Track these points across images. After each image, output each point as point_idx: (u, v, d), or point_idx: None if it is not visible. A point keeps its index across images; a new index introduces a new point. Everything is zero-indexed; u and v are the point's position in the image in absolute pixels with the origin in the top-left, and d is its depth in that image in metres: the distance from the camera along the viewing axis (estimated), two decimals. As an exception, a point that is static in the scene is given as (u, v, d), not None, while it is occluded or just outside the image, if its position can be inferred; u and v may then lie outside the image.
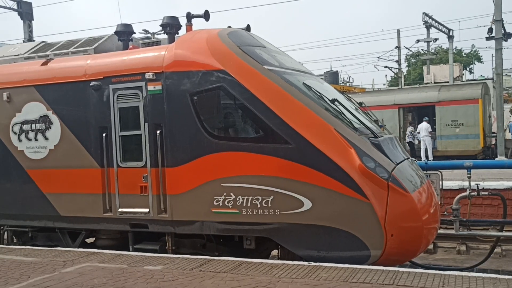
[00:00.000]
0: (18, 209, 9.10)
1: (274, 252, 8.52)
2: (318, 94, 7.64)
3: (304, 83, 7.77)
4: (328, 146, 6.90)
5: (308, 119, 7.10)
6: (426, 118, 25.68)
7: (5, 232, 9.72)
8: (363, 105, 8.90)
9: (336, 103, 7.53)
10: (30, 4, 29.52)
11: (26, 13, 29.09)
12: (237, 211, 7.29)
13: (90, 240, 9.27)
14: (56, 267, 7.07)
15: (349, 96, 9.42)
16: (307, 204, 6.93)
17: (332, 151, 6.87)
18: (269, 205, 7.10)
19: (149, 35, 9.76)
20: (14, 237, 9.82)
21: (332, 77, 41.29)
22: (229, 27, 8.68)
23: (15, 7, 29.04)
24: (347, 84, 54.16)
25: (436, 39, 44.73)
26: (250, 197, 7.20)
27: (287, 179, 7.03)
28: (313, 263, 6.68)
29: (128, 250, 8.30)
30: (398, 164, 7.13)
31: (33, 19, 29.42)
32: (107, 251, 8.05)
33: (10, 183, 9.12)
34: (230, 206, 7.32)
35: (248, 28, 9.03)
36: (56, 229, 9.05)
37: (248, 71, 7.49)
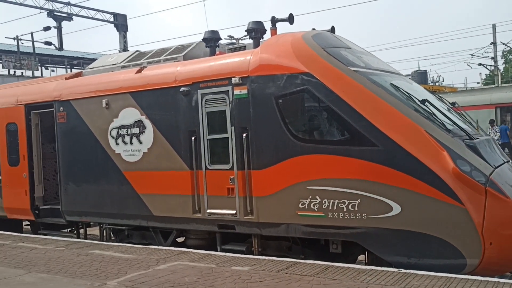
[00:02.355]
0: (115, 209, 9.71)
1: (361, 257, 8.33)
2: (407, 94, 7.37)
3: (391, 84, 7.53)
4: (419, 149, 6.63)
5: (397, 120, 6.87)
6: None
7: (104, 230, 10.41)
8: (456, 105, 8.45)
9: (426, 103, 7.22)
10: (125, 16, 31.53)
11: (121, 25, 31.09)
12: (323, 214, 7.23)
13: (180, 239, 9.66)
14: (150, 264, 7.45)
15: (440, 96, 8.99)
16: (396, 208, 6.70)
17: (423, 153, 6.58)
18: (356, 208, 6.96)
19: (234, 40, 10.01)
20: (111, 235, 10.49)
21: (421, 77, 39.66)
22: (314, 29, 8.65)
23: (111, 19, 31.13)
24: (437, 84, 51.70)
25: (536, 33, 41.30)
26: (336, 201, 7.10)
27: (375, 182, 6.85)
28: (403, 270, 6.43)
29: (216, 250, 8.54)
30: (496, 167, 6.67)
31: (127, 30, 31.37)
32: (197, 250, 8.34)
33: (108, 184, 9.76)
34: (316, 209, 7.27)
35: (332, 29, 8.94)
36: (150, 228, 9.54)
37: (333, 73, 7.41)
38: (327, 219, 7.21)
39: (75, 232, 11.19)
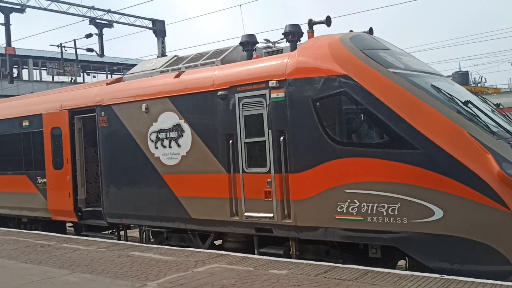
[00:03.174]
0: (155, 211, 9.88)
1: (401, 262, 8.16)
2: (449, 96, 7.18)
3: (432, 85, 7.36)
4: (461, 151, 6.45)
5: (438, 122, 6.71)
6: None
7: (144, 232, 10.61)
8: (500, 106, 8.17)
9: (469, 105, 7.01)
10: (163, 22, 32.14)
11: (159, 31, 31.72)
12: (362, 218, 7.12)
13: (218, 242, 9.72)
14: (189, 266, 7.53)
15: (484, 98, 8.72)
16: (438, 213, 6.53)
17: (466, 156, 6.39)
18: (396, 213, 6.83)
19: (271, 44, 10.03)
20: (151, 237, 10.67)
21: (462, 78, 38.61)
22: (351, 31, 8.56)
23: (150, 25, 31.79)
24: (479, 85, 50.16)
25: None
26: (376, 204, 6.99)
27: (415, 186, 6.70)
28: (446, 276, 6.26)
29: (253, 253, 8.55)
30: (544, 171, 6.40)
31: (165, 36, 31.96)
32: (234, 253, 8.37)
33: (148, 187, 9.95)
34: (355, 213, 7.18)
35: (371, 31, 8.82)
36: (188, 231, 9.65)
37: (371, 75, 7.31)
38: (366, 223, 7.10)
39: (116, 234, 11.45)
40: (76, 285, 6.84)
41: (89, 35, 30.61)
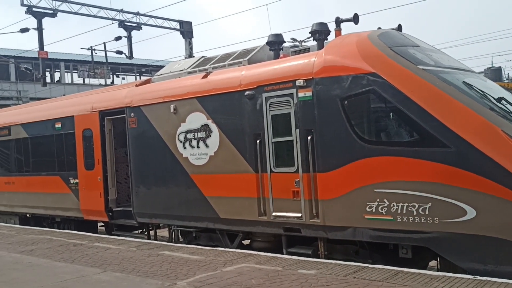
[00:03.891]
0: (183, 211, 9.97)
1: (433, 263, 8.01)
2: (481, 92, 7.01)
3: (464, 82, 7.20)
4: (495, 149, 6.28)
5: (470, 120, 6.55)
6: None
7: (173, 232, 10.72)
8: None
9: (502, 101, 6.84)
10: (190, 23, 32.41)
11: (187, 32, 32.00)
12: (392, 218, 7.02)
13: (246, 241, 9.75)
14: (217, 266, 7.58)
15: (518, 94, 8.47)
16: (471, 212, 6.38)
17: (500, 154, 6.22)
18: (427, 212, 6.70)
19: (297, 43, 9.99)
20: (180, 236, 10.78)
21: (495, 74, 37.65)
22: (379, 28, 8.45)
23: (178, 27, 32.11)
24: (513, 81, 48.72)
25: None
26: (406, 204, 6.88)
27: (447, 185, 6.56)
28: (479, 277, 6.11)
29: (282, 253, 8.54)
30: None
31: (193, 37, 32.23)
32: (263, 253, 8.38)
33: (177, 187, 10.05)
34: (384, 213, 7.08)
35: (399, 28, 8.69)
36: (216, 230, 9.71)
37: (400, 72, 7.20)
38: (396, 223, 6.99)
39: (146, 233, 11.61)
40: (107, 283, 6.96)
41: (118, 38, 31.12)
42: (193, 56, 23.29)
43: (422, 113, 6.81)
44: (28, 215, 14.87)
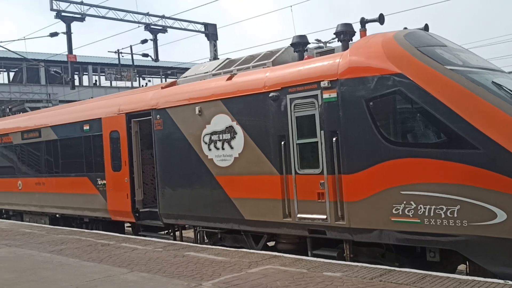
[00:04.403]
0: (209, 212, 10.04)
1: (461, 266, 7.85)
2: (511, 93, 6.84)
3: (493, 82, 7.05)
4: (526, 151, 6.11)
5: (500, 121, 6.40)
6: None
7: (198, 233, 10.80)
8: None
9: (534, 102, 6.64)
10: (215, 25, 32.63)
11: (211, 34, 32.23)
12: (419, 220, 6.92)
13: (271, 243, 9.74)
14: (242, 267, 7.60)
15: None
16: (501, 215, 6.23)
17: (531, 156, 6.06)
18: (455, 215, 6.58)
19: (322, 44, 9.94)
20: (205, 237, 10.85)
21: (525, 73, 36.57)
22: (405, 28, 8.35)
23: (202, 29, 32.37)
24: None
25: None
26: (433, 206, 6.77)
27: (476, 187, 6.43)
28: (510, 282, 5.96)
29: (307, 255, 8.50)
30: None
31: (217, 39, 32.44)
32: (288, 255, 8.36)
33: (202, 189, 10.13)
34: (411, 215, 6.98)
35: (426, 27, 8.56)
36: (241, 232, 9.73)
37: (427, 72, 7.09)
38: (423, 226, 6.89)
39: (172, 234, 11.73)
40: (134, 283, 7.06)
41: (144, 41, 31.54)
42: (218, 58, 23.44)
43: (450, 114, 6.69)
44: (57, 215, 15.20)
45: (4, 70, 51.91)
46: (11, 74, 53.64)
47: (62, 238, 11.70)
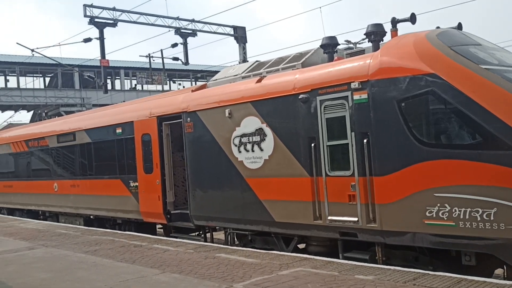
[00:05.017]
0: (239, 214, 10.08)
1: (498, 271, 7.63)
2: (550, 92, 6.61)
3: (531, 81, 6.82)
4: None
5: (538, 121, 6.20)
6: None
7: (229, 235, 10.85)
8: None
9: None
10: (244, 28, 32.78)
11: (241, 37, 32.39)
12: (453, 223, 6.77)
13: (301, 245, 9.70)
14: (273, 269, 7.59)
15: None
16: (540, 218, 6.02)
17: None
18: (492, 218, 6.40)
19: (352, 45, 9.85)
20: (235, 239, 10.90)
21: None
22: (438, 27, 8.19)
23: (232, 32, 32.56)
24: None
25: None
26: (469, 209, 6.60)
27: (513, 189, 6.24)
28: (550, 288, 5.76)
29: (337, 258, 8.43)
30: None
31: (246, 42, 32.57)
32: (319, 257, 8.30)
33: (232, 191, 10.18)
34: (445, 218, 6.83)
35: (459, 26, 8.39)
36: (272, 234, 9.73)
37: (461, 72, 6.94)
38: (458, 229, 6.73)
39: (202, 235, 11.82)
40: (166, 284, 7.15)
41: (174, 45, 31.95)
42: (247, 61, 23.53)
43: (485, 114, 6.52)
44: (91, 217, 15.55)
45: (41, 75, 53.48)
46: (47, 79, 55.26)
47: (96, 239, 11.96)
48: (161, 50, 41.17)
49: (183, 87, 52.97)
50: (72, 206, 16.01)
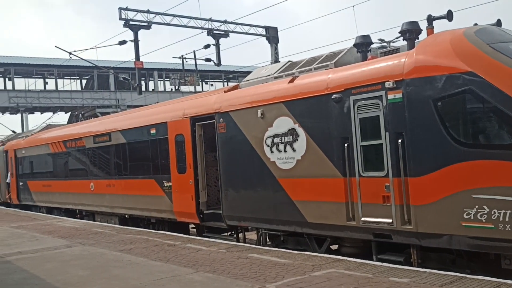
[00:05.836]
0: (271, 214, 10.07)
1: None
2: None
3: None
4: None
5: None
6: None
7: (261, 235, 10.86)
8: None
9: None
10: (275, 28, 32.77)
11: (272, 37, 32.40)
12: (493, 226, 6.56)
13: (334, 246, 9.61)
14: (306, 270, 7.55)
15: None
16: None
17: None
18: (533, 221, 6.18)
19: (385, 44, 9.70)
20: (268, 239, 10.89)
21: None
22: (476, 24, 7.97)
23: (263, 33, 32.61)
24: None
25: None
26: (509, 211, 6.40)
27: (556, 191, 6.00)
28: None
29: (371, 259, 8.31)
30: None
31: (278, 42, 32.54)
32: (352, 259, 8.21)
33: (264, 191, 10.18)
34: (484, 220, 6.64)
35: (498, 23, 8.13)
36: (304, 235, 9.68)
37: (500, 70, 6.73)
38: (498, 232, 6.52)
39: (235, 235, 11.87)
40: (200, 283, 7.21)
41: (207, 46, 32.23)
42: (279, 61, 23.49)
43: (527, 113, 6.30)
44: (126, 216, 15.85)
45: (77, 77, 54.99)
46: (83, 82, 56.75)
47: (131, 238, 12.18)
48: (194, 51, 41.57)
49: (215, 88, 53.41)
50: (107, 205, 16.36)
